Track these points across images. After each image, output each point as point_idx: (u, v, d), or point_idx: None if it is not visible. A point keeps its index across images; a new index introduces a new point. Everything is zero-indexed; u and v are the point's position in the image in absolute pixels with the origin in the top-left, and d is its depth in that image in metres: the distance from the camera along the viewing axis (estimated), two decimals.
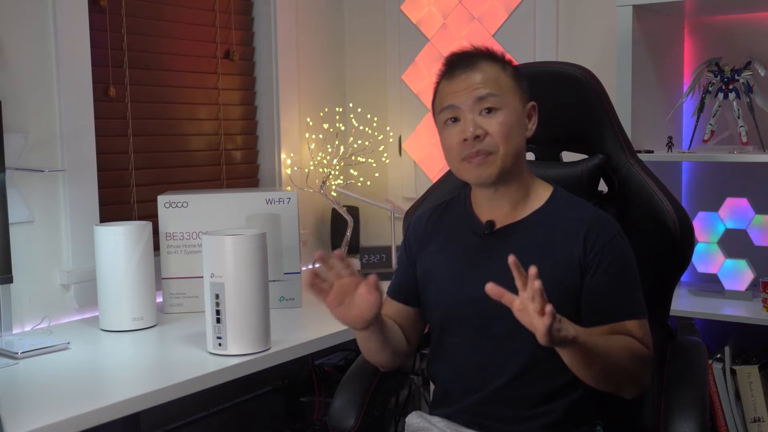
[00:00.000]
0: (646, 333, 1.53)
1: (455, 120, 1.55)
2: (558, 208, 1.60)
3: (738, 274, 2.47)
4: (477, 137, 1.52)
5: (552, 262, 1.53)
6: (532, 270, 1.30)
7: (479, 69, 1.55)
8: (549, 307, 1.28)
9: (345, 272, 1.50)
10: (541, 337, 1.30)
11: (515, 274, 1.33)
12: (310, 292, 1.50)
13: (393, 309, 1.73)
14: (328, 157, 3.01)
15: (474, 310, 1.56)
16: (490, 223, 1.60)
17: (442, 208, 1.71)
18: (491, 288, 1.33)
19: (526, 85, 1.60)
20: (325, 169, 2.99)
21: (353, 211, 3.09)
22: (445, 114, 1.57)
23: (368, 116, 3.16)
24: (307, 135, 3.05)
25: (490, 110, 1.53)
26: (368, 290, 1.49)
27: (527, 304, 1.31)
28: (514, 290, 1.54)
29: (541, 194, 1.62)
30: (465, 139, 1.53)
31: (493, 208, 1.61)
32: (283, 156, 2.99)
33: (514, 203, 1.60)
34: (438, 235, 1.68)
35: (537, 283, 1.29)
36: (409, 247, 1.73)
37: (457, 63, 1.58)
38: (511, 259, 1.32)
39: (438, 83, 1.62)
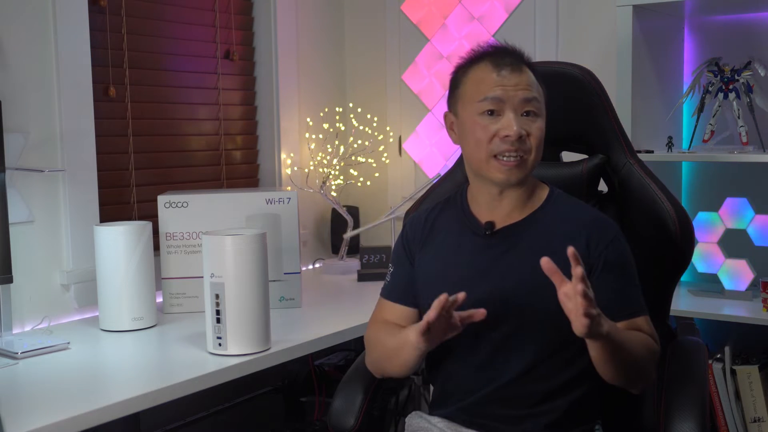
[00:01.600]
0: (653, 328, 1.55)
1: (493, 113, 1.53)
2: (556, 208, 1.60)
3: (738, 274, 2.47)
4: (520, 137, 1.51)
5: (553, 262, 1.53)
6: (578, 271, 1.31)
7: (525, 72, 1.55)
8: (595, 311, 1.31)
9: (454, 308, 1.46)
10: (578, 332, 1.33)
11: (552, 273, 1.34)
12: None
13: (395, 313, 1.70)
14: (328, 157, 3.01)
15: (473, 310, 1.56)
16: (490, 224, 1.60)
17: (440, 208, 1.71)
18: (546, 262, 1.34)
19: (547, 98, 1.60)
20: (325, 169, 2.99)
21: (353, 211, 3.09)
22: (486, 104, 1.52)
23: (368, 116, 3.16)
24: (307, 135, 3.05)
25: (528, 113, 1.53)
26: (461, 320, 1.46)
27: (572, 296, 1.33)
28: (517, 291, 1.54)
29: (539, 195, 1.62)
30: (507, 135, 1.50)
31: (494, 209, 1.61)
32: (283, 156, 2.99)
33: (516, 204, 1.60)
34: (436, 236, 1.67)
35: (580, 287, 1.31)
36: (408, 248, 1.71)
37: (505, 57, 1.55)
38: (545, 261, 1.35)
39: (468, 68, 1.57)
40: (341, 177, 3.05)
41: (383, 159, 3.17)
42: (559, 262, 1.53)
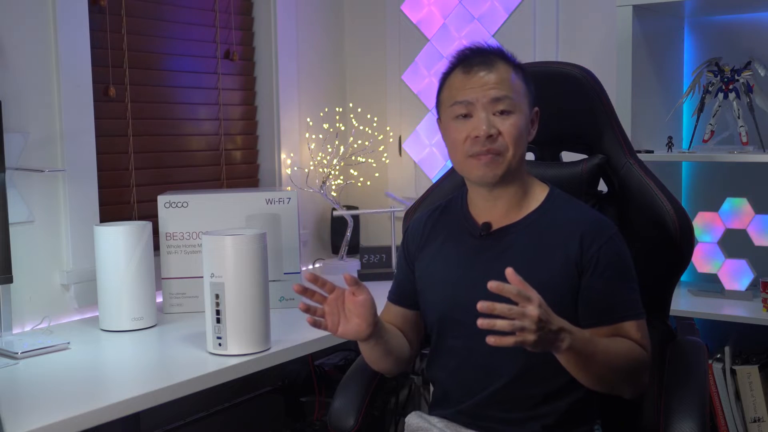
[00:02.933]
0: (644, 334, 1.53)
1: (466, 116, 1.54)
2: (554, 209, 1.60)
3: (738, 274, 2.47)
4: (490, 136, 1.52)
5: (548, 263, 1.53)
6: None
7: (496, 69, 1.55)
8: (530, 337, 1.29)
9: (326, 290, 1.52)
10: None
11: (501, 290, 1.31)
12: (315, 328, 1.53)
13: (394, 313, 1.73)
14: (328, 157, 3.01)
15: (472, 312, 1.56)
16: (487, 225, 1.60)
17: (440, 211, 1.71)
18: (510, 273, 1.31)
19: (533, 90, 1.60)
20: (325, 169, 2.99)
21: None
22: (456, 108, 1.55)
23: (368, 116, 3.16)
24: (307, 135, 3.05)
25: (503, 112, 1.53)
26: (353, 291, 1.50)
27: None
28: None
29: (538, 195, 1.62)
30: (477, 137, 1.52)
31: (490, 209, 1.61)
32: (283, 156, 2.99)
33: (511, 204, 1.60)
34: (436, 238, 1.68)
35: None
36: (407, 251, 1.72)
37: (474, 59, 1.57)
38: (509, 272, 1.31)
39: (448, 74, 1.60)
40: (341, 177, 3.05)
41: (383, 159, 3.16)
42: (552, 262, 1.53)
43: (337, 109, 3.15)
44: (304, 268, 2.96)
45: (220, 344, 1.89)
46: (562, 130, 1.83)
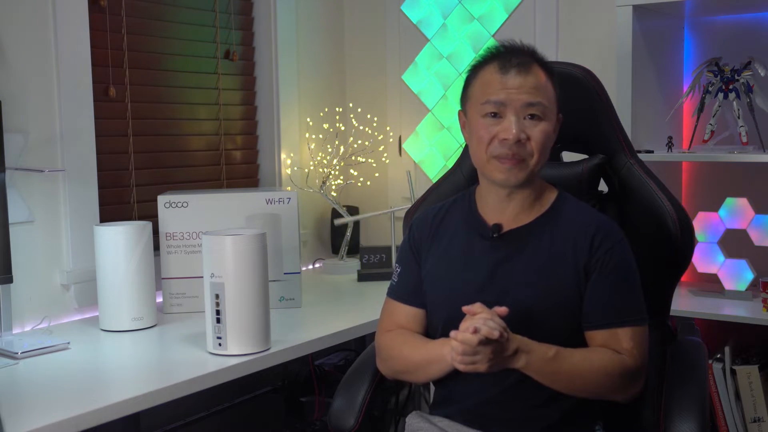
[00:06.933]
0: (638, 342, 1.52)
1: (496, 115, 1.53)
2: (564, 212, 1.59)
3: (738, 274, 2.47)
4: (518, 141, 1.51)
5: (558, 268, 1.53)
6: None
7: (534, 73, 1.53)
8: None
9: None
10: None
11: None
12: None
13: (408, 314, 1.68)
14: (328, 157, 3.01)
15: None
16: (498, 226, 1.60)
17: (446, 209, 1.70)
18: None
19: (560, 96, 1.59)
20: (325, 169, 2.99)
21: (353, 211, 3.09)
22: (488, 106, 1.53)
23: (368, 116, 3.16)
24: (307, 135, 3.05)
25: (533, 117, 1.52)
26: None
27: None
28: (522, 295, 1.53)
29: (548, 197, 1.62)
30: (505, 139, 1.51)
31: (502, 211, 1.60)
32: (283, 156, 2.99)
33: (523, 206, 1.59)
34: (443, 237, 1.67)
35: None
36: (415, 247, 1.70)
37: (513, 58, 1.55)
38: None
39: (480, 68, 1.58)
40: (341, 177, 3.05)
41: (383, 159, 3.16)
42: (563, 264, 1.53)
43: (337, 109, 3.15)
44: (304, 268, 2.96)
45: (220, 344, 1.89)
46: (562, 130, 1.82)
